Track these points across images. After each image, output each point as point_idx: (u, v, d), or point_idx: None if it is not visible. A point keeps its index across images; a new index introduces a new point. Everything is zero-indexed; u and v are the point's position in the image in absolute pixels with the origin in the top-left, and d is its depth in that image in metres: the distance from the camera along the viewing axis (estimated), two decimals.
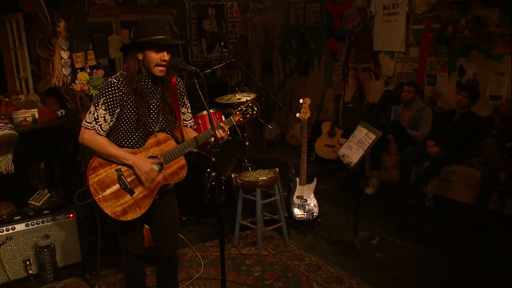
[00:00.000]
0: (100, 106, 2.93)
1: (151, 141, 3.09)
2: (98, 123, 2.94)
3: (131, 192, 3.04)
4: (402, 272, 4.31)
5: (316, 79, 9.00)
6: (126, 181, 3.03)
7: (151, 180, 3.03)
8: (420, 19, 6.78)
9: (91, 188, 2.97)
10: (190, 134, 3.28)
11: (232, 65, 9.03)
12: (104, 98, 2.93)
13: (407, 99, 6.30)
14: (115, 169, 3.02)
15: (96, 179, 2.98)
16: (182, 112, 3.27)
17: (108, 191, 3.00)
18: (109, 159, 3.00)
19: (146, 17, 8.55)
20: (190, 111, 3.34)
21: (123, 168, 3.03)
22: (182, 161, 3.18)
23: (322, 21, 8.64)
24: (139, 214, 3.06)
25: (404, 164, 5.86)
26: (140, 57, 2.96)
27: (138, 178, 3.03)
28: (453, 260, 4.52)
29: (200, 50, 9.40)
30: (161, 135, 3.13)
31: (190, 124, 3.34)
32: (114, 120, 3.01)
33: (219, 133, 3.10)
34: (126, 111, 2.99)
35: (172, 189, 3.30)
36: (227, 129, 3.15)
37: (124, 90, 2.96)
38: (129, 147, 3.07)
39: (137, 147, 3.08)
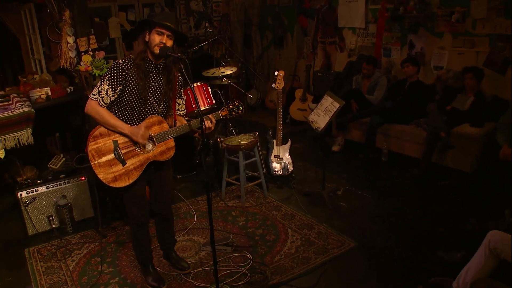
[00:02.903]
0: (105, 82, 2.94)
1: (147, 121, 3.07)
2: (100, 96, 2.94)
3: (123, 163, 3.04)
4: (362, 218, 4.42)
5: (289, 51, 8.94)
6: (121, 152, 3.03)
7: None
8: (377, 0, 6.78)
9: (89, 154, 2.97)
10: (181, 122, 3.29)
11: (217, 41, 8.96)
12: (109, 75, 2.94)
13: (367, 75, 6.36)
14: (112, 140, 3.02)
15: (94, 146, 2.98)
16: (177, 103, 3.27)
17: (104, 159, 3.00)
18: (108, 128, 3.01)
19: (141, 1, 8.45)
20: (184, 103, 3.34)
21: (120, 141, 3.03)
22: (171, 142, 3.18)
23: (294, 1, 8.54)
24: (127, 183, 3.05)
25: (371, 127, 5.89)
26: (147, 38, 2.96)
27: (134, 143, 3.04)
28: (403, 204, 4.66)
29: (189, 28, 9.29)
30: (156, 118, 3.11)
31: (182, 113, 3.33)
32: (116, 96, 2.99)
33: (207, 123, 3.12)
34: (128, 89, 2.98)
35: (169, 160, 3.27)
36: (214, 121, 3.19)
37: (128, 71, 2.95)
38: (129, 124, 3.05)
39: (135, 125, 3.06)
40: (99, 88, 2.96)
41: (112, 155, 3.02)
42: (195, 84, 5.33)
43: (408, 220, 4.35)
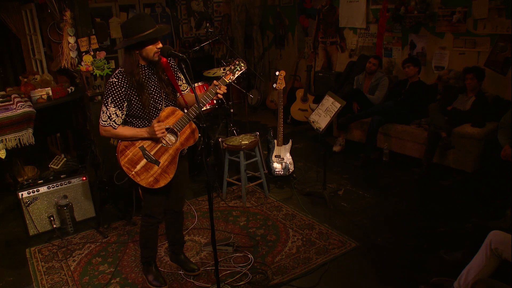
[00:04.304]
0: (109, 105, 2.95)
1: (161, 116, 3.08)
2: (112, 120, 2.98)
3: (157, 163, 3.08)
4: (363, 218, 4.42)
5: (290, 51, 8.95)
6: (150, 154, 3.07)
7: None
8: (378, 0, 6.78)
9: (124, 168, 3.03)
10: (190, 97, 3.28)
11: (218, 41, 8.97)
12: (111, 97, 2.94)
13: (371, 70, 6.33)
14: (138, 147, 3.06)
15: (125, 159, 3.03)
16: (179, 85, 3.26)
17: (138, 167, 3.05)
18: (130, 140, 3.05)
19: (141, 1, 8.46)
20: (185, 82, 3.31)
21: (145, 144, 3.06)
22: (192, 125, 3.18)
23: (295, 1, 8.54)
24: (169, 180, 3.13)
25: (372, 127, 5.82)
26: (137, 51, 2.94)
27: (156, 142, 3.06)
28: (404, 205, 4.66)
29: (189, 28, 9.30)
30: (169, 109, 3.11)
31: (187, 91, 3.32)
32: (125, 111, 3.02)
33: (221, 90, 3.03)
34: (133, 101, 3.00)
35: (185, 154, 3.30)
36: (221, 84, 3.05)
37: (125, 85, 2.95)
38: (145, 127, 3.07)
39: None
40: (107, 113, 2.97)
41: (144, 161, 3.08)
42: (196, 84, 5.34)
43: (409, 220, 4.35)
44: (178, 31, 9.16)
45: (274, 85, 5.12)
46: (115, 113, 2.99)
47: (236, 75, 3.14)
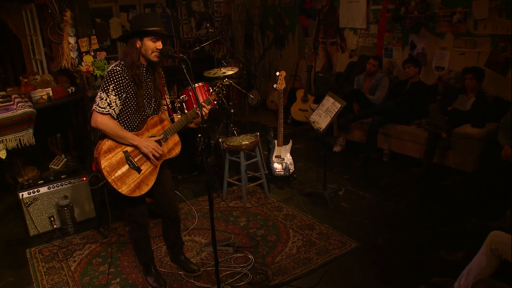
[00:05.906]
0: (110, 92, 2.84)
1: (149, 123, 3.05)
2: (111, 108, 2.86)
3: (139, 170, 3.01)
4: (363, 218, 4.42)
5: (291, 52, 8.95)
6: (134, 160, 2.99)
7: (159, 155, 3.01)
8: (378, 0, 6.77)
9: (104, 172, 2.88)
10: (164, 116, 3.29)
11: (218, 41, 8.98)
12: (113, 84, 2.84)
13: (371, 71, 6.33)
14: (122, 151, 2.96)
15: (107, 162, 2.89)
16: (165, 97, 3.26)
17: (119, 172, 2.94)
18: (117, 140, 2.94)
19: (142, 1, 8.47)
20: (168, 98, 3.32)
21: (129, 149, 2.98)
22: (176, 138, 3.19)
23: (295, 1, 8.55)
24: (147, 189, 3.04)
25: (373, 128, 5.82)
26: (138, 45, 2.91)
27: (145, 156, 3.01)
28: (404, 205, 4.66)
29: (190, 28, 9.31)
30: (157, 117, 3.10)
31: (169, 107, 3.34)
32: (121, 104, 2.95)
33: (203, 110, 3.10)
34: (129, 96, 2.94)
35: (165, 162, 3.25)
36: (208, 107, 3.26)
37: (127, 77, 2.90)
38: (131, 130, 3.02)
39: (137, 129, 3.04)
40: (107, 100, 2.85)
41: (126, 166, 2.98)
42: (196, 85, 5.34)
43: (409, 220, 4.35)
44: (178, 31, 9.16)
45: (275, 86, 5.13)
46: (115, 101, 2.88)
47: (219, 98, 3.59)
